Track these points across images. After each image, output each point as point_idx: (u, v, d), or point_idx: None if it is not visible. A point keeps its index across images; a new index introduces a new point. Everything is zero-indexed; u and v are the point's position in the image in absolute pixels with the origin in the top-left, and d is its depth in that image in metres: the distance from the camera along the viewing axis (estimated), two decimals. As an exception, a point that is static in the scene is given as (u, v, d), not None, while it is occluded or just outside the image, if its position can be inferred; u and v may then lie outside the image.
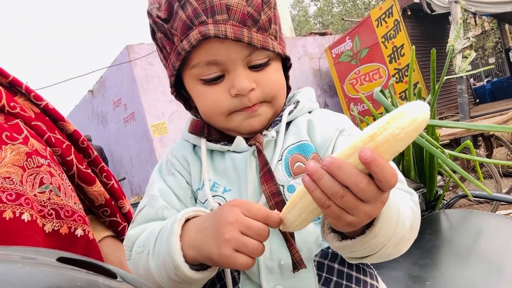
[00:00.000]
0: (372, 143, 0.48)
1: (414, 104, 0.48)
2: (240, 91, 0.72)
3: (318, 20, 27.42)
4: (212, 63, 0.72)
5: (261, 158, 0.72)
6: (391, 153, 0.49)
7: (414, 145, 1.66)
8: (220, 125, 0.79)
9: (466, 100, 6.56)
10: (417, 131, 0.49)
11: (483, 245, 1.32)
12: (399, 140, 0.48)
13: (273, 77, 0.76)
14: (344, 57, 9.37)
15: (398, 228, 0.60)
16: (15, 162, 0.79)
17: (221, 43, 0.70)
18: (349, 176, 0.49)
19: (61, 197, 0.86)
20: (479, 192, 1.67)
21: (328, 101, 11.01)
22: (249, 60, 0.73)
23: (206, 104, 0.76)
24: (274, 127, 0.79)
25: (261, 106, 0.76)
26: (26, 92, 0.95)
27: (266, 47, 0.72)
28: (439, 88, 1.60)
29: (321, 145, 0.77)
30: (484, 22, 13.87)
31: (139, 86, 8.42)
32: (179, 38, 0.71)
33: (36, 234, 0.77)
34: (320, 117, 0.82)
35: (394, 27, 8.20)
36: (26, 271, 0.37)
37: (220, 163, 0.79)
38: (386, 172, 0.48)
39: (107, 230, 1.07)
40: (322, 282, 0.70)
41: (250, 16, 0.71)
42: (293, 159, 0.75)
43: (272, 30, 0.75)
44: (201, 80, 0.74)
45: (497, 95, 11.11)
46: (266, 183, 0.70)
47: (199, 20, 0.69)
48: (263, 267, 0.70)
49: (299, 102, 0.83)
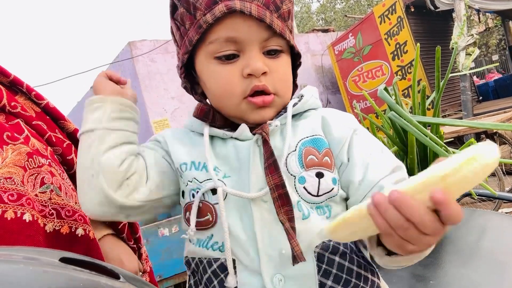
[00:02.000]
0: (443, 183, 0.49)
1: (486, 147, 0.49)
2: (253, 72, 0.73)
3: (320, 17, 27.34)
4: (230, 40, 0.73)
5: (266, 149, 0.73)
6: (459, 193, 0.51)
7: (418, 144, 1.65)
8: (229, 110, 0.79)
9: (469, 97, 6.54)
10: (487, 174, 0.51)
11: (487, 243, 1.32)
12: (469, 183, 0.49)
13: (283, 68, 0.79)
14: (346, 54, 9.34)
15: None
16: (16, 162, 0.80)
17: (244, 21, 0.72)
18: (417, 215, 0.50)
19: (62, 197, 0.86)
20: (482, 190, 1.67)
21: (331, 98, 10.99)
22: (265, 44, 0.75)
23: (217, 84, 0.77)
24: (278, 118, 0.79)
25: (275, 98, 0.77)
26: (27, 91, 0.95)
27: (283, 34, 0.74)
28: (443, 86, 1.58)
29: (336, 143, 0.78)
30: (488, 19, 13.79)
31: (141, 83, 8.41)
32: (202, 12, 0.73)
33: (38, 234, 0.77)
34: (333, 115, 0.83)
35: (397, 24, 8.16)
36: (29, 272, 0.36)
37: (221, 149, 0.79)
38: (454, 212, 0.49)
39: (107, 228, 1.08)
40: (322, 274, 0.71)
41: (273, 1, 0.74)
42: (306, 152, 0.76)
43: (289, 23, 0.78)
44: (215, 58, 0.75)
45: (500, 93, 11.07)
46: (270, 174, 0.70)
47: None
48: (263, 255, 0.70)
49: (303, 96, 0.84)
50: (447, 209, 0.48)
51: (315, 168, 0.74)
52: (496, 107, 6.96)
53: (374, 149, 0.77)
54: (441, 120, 1.50)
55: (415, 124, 1.39)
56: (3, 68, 0.91)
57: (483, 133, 4.29)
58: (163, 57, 8.64)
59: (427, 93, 1.65)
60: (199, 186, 0.75)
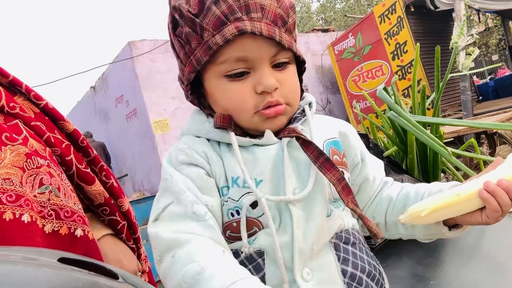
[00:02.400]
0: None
1: None
2: (266, 88, 0.74)
3: (320, 17, 27.34)
4: (241, 59, 0.74)
5: (312, 149, 0.75)
6: None
7: (418, 143, 1.65)
8: (242, 123, 0.80)
9: (469, 97, 6.53)
10: None
11: (487, 244, 1.31)
12: None
13: (292, 78, 0.81)
14: (346, 54, 9.34)
15: None
16: (15, 163, 0.79)
17: (254, 41, 0.72)
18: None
19: (61, 197, 0.86)
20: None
21: (331, 98, 10.99)
22: (274, 59, 0.76)
23: (230, 100, 0.77)
24: (298, 122, 0.82)
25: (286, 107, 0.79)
26: (26, 91, 0.95)
27: (291, 48, 0.76)
28: (443, 86, 1.58)
29: (353, 148, 0.90)
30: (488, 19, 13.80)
31: (141, 83, 8.41)
32: (210, 33, 0.72)
33: (36, 235, 0.77)
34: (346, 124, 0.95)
35: (397, 23, 8.15)
36: (27, 272, 0.36)
37: (246, 157, 0.77)
38: None
39: (106, 228, 1.07)
40: (342, 262, 0.76)
41: (280, 17, 0.74)
42: (332, 152, 0.83)
43: (294, 34, 0.80)
44: (225, 76, 0.76)
45: (500, 93, 11.07)
46: (329, 171, 0.74)
47: (235, 17, 0.71)
48: (296, 251, 0.72)
49: (312, 103, 0.88)
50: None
51: (339, 167, 0.78)
52: (496, 107, 6.95)
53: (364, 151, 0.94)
54: (440, 120, 1.50)
55: (414, 124, 1.39)
56: (2, 69, 0.91)
57: (483, 133, 4.29)
58: (163, 57, 8.64)
59: (427, 93, 1.65)
60: (236, 205, 0.75)
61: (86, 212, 1.07)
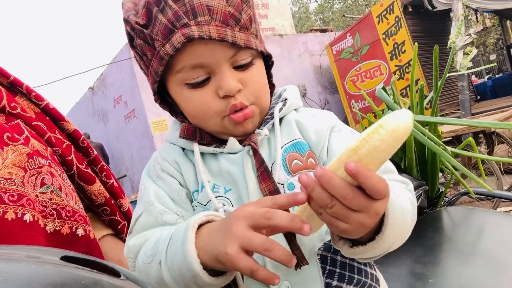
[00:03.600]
0: (356, 156, 0.51)
1: (395, 114, 0.50)
2: (228, 92, 0.72)
3: (318, 17, 27.36)
4: (197, 66, 0.71)
5: (257, 158, 0.73)
6: (377, 164, 0.52)
7: (416, 143, 1.66)
8: (211, 129, 0.79)
9: (467, 97, 6.54)
10: (399, 141, 0.51)
11: (485, 242, 1.32)
12: (382, 151, 0.50)
13: (257, 77, 0.77)
14: (345, 54, 9.35)
15: (403, 226, 0.63)
16: (16, 163, 0.79)
17: (205, 45, 0.69)
18: (337, 189, 0.52)
19: (62, 197, 0.86)
20: (481, 189, 1.67)
21: (329, 98, 11.00)
22: (233, 60, 0.73)
23: (195, 108, 0.76)
24: (265, 125, 0.79)
25: (254, 108, 0.76)
26: (27, 92, 0.95)
27: (249, 46, 0.72)
28: (441, 85, 1.59)
29: (316, 143, 0.79)
30: (486, 19, 13.83)
31: (140, 83, 8.41)
32: (160, 42, 0.70)
33: (38, 235, 0.77)
34: (309, 115, 0.84)
35: (395, 23, 8.17)
36: (31, 270, 0.37)
37: (214, 165, 0.78)
38: (373, 182, 0.51)
39: (107, 228, 1.08)
40: (326, 275, 0.72)
41: (231, 15, 0.70)
42: (290, 157, 0.76)
43: (253, 29, 0.76)
44: (186, 85, 0.73)
45: (498, 92, 11.09)
46: (263, 181, 0.70)
47: (181, 23, 0.68)
48: (269, 263, 0.70)
49: (287, 100, 0.84)
50: (363, 179, 0.50)
51: (302, 172, 0.75)
52: (494, 106, 6.97)
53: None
54: (438, 119, 1.51)
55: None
56: (3, 69, 0.91)
57: (481, 132, 4.31)
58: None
59: (425, 92, 1.65)
60: (204, 209, 0.74)
61: (87, 212, 1.07)
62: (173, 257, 0.62)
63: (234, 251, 0.55)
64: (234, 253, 0.55)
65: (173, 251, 0.63)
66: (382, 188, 0.52)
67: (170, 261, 0.63)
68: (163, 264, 0.64)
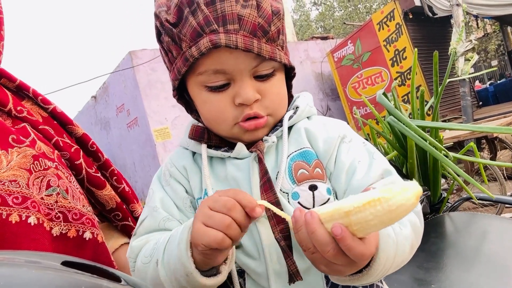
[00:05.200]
0: (347, 219, 0.51)
1: (402, 188, 0.48)
2: (245, 101, 0.72)
3: (319, 25, 27.48)
4: (219, 72, 0.72)
5: (261, 167, 0.72)
6: (365, 233, 0.52)
7: (418, 148, 1.66)
8: (222, 133, 0.79)
9: (469, 102, 6.54)
10: (395, 220, 0.50)
11: (488, 248, 1.31)
12: (372, 226, 0.50)
13: (276, 88, 0.77)
14: (346, 61, 9.38)
15: (397, 257, 0.62)
16: (21, 165, 0.78)
17: (230, 53, 0.70)
18: (319, 243, 0.53)
19: (69, 199, 0.85)
20: (483, 194, 1.67)
21: (331, 105, 11.01)
22: (255, 70, 0.73)
23: (209, 111, 0.77)
24: (274, 132, 0.79)
25: (268, 118, 0.77)
26: (34, 96, 0.94)
27: (273, 58, 0.72)
28: (442, 91, 1.59)
29: (324, 153, 0.78)
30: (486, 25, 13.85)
31: (142, 92, 8.44)
32: (187, 44, 0.71)
33: (43, 238, 0.76)
34: (319, 124, 0.82)
35: (395, 30, 8.20)
36: (31, 274, 0.37)
37: (221, 170, 0.78)
38: (355, 251, 0.52)
39: (124, 237, 1.06)
40: (330, 285, 0.71)
41: (260, 27, 0.70)
42: (296, 166, 0.75)
43: (280, 40, 0.75)
44: (206, 87, 0.74)
45: (500, 98, 11.08)
46: (265, 192, 0.70)
47: (210, 28, 0.69)
48: (271, 272, 0.70)
49: (298, 108, 0.84)
50: (345, 247, 0.51)
51: (308, 182, 0.74)
52: (496, 112, 6.96)
53: (363, 155, 0.77)
54: (440, 124, 1.51)
55: (414, 129, 1.40)
56: (9, 73, 0.91)
57: (484, 138, 4.29)
58: (164, 66, 8.60)
59: (426, 98, 1.66)
60: None
61: (102, 221, 1.05)
62: (169, 256, 0.64)
63: (197, 226, 0.60)
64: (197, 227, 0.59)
65: (169, 250, 0.65)
66: (366, 255, 0.53)
67: (167, 260, 0.64)
68: (159, 263, 0.65)
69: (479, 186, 1.39)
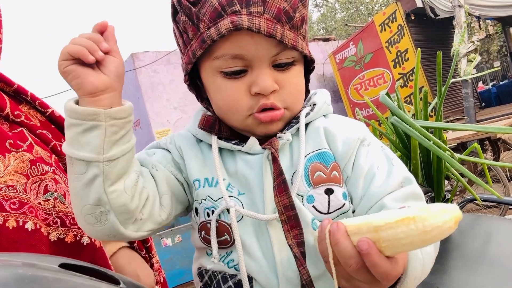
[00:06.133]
0: (375, 235, 0.48)
1: (440, 209, 0.46)
2: (262, 91, 0.68)
3: (321, 26, 27.50)
4: (238, 57, 0.67)
5: (276, 167, 0.68)
6: (394, 252, 0.49)
7: (421, 149, 1.64)
8: (233, 123, 0.75)
9: (472, 104, 6.53)
10: (428, 242, 0.47)
11: (493, 249, 1.30)
12: (403, 245, 0.47)
13: (295, 80, 0.73)
14: (348, 63, 9.38)
15: (423, 276, 0.60)
16: (18, 170, 0.78)
17: (251, 38, 0.65)
18: (342, 255, 0.50)
19: (66, 204, 0.84)
20: (487, 195, 1.65)
21: (333, 107, 10.77)
22: (275, 58, 0.69)
23: (223, 99, 0.72)
24: (289, 129, 0.75)
25: (285, 112, 0.72)
26: (32, 99, 0.94)
27: (296, 47, 0.68)
28: (445, 91, 1.58)
29: (342, 155, 0.73)
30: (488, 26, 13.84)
31: (144, 94, 8.46)
32: (206, 24, 0.66)
33: (41, 243, 0.75)
34: (339, 124, 0.78)
35: (397, 32, 8.20)
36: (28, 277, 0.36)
37: (231, 164, 0.75)
38: (379, 270, 0.49)
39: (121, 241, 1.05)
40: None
41: (285, 12, 0.66)
42: (313, 168, 0.71)
43: (303, 30, 0.71)
44: (221, 73, 0.70)
45: (502, 99, 11.06)
46: (279, 194, 0.66)
47: (232, 9, 0.64)
48: (282, 278, 0.67)
49: (316, 105, 0.79)
50: (370, 264, 0.49)
51: (324, 185, 0.70)
52: (499, 113, 6.95)
53: (382, 160, 0.72)
54: (444, 125, 1.50)
55: (418, 129, 1.39)
56: (7, 77, 0.90)
57: (487, 139, 4.28)
58: (166, 68, 8.69)
59: (429, 99, 1.64)
60: (214, 205, 0.71)
61: None
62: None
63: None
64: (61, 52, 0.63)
65: None
66: (392, 276, 0.50)
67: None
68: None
69: (486, 186, 1.37)
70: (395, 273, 0.51)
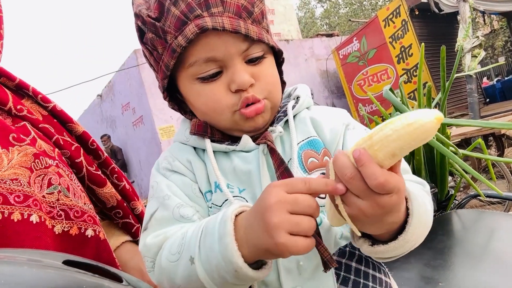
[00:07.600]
0: (369, 141, 0.52)
1: (421, 111, 0.50)
2: (240, 86, 0.70)
3: (325, 22, 27.40)
4: (210, 59, 0.70)
5: (275, 157, 0.70)
6: (386, 153, 0.51)
7: (425, 145, 1.64)
8: (222, 124, 0.77)
9: (476, 99, 6.50)
10: (412, 135, 0.49)
11: (496, 245, 1.30)
12: (392, 141, 0.50)
13: (269, 71, 0.76)
14: (351, 58, 9.34)
15: (425, 229, 0.62)
16: (22, 163, 0.78)
17: (219, 37, 0.68)
18: (339, 167, 0.53)
19: (70, 197, 0.85)
20: (491, 191, 1.65)
21: (336, 103, 10.98)
22: (246, 54, 0.72)
23: (206, 103, 0.74)
24: (278, 123, 0.77)
25: (266, 102, 0.75)
26: (33, 94, 0.94)
27: (262, 39, 0.72)
28: (449, 86, 1.57)
29: (331, 141, 0.78)
30: (493, 21, 13.75)
31: (147, 90, 8.47)
32: (173, 35, 0.69)
33: (45, 236, 0.76)
34: (323, 113, 0.82)
35: (401, 27, 8.15)
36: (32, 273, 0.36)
37: (226, 164, 0.76)
38: (368, 171, 0.50)
39: (125, 235, 1.06)
40: (341, 281, 0.70)
41: (244, 8, 0.70)
42: (305, 155, 0.75)
43: (264, 23, 0.76)
44: (198, 79, 0.72)
45: (507, 94, 10.99)
46: None
47: (194, 14, 0.68)
48: (282, 268, 0.68)
49: (299, 97, 0.83)
50: (363, 168, 0.51)
51: (318, 170, 0.74)
52: (504, 108, 6.91)
53: None
54: (447, 120, 1.49)
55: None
56: (8, 72, 0.91)
57: (491, 135, 4.26)
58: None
59: (432, 95, 1.64)
60: (219, 210, 0.71)
61: (103, 219, 1.05)
62: (209, 252, 0.59)
63: (285, 238, 0.53)
64: (285, 240, 0.53)
65: (208, 245, 0.60)
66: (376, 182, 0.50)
67: (205, 256, 0.60)
68: (196, 260, 0.60)
69: (488, 183, 1.37)
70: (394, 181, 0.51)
